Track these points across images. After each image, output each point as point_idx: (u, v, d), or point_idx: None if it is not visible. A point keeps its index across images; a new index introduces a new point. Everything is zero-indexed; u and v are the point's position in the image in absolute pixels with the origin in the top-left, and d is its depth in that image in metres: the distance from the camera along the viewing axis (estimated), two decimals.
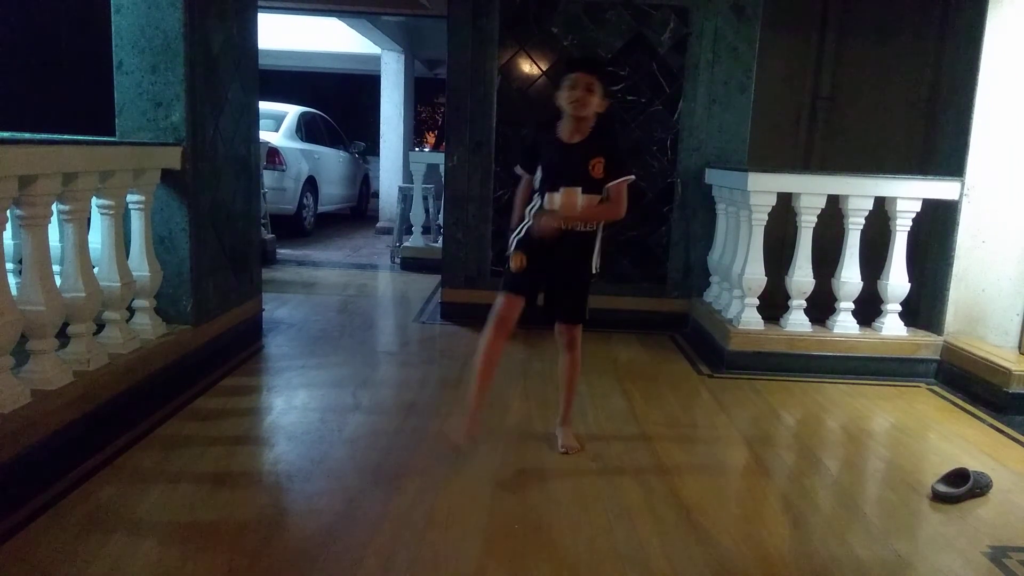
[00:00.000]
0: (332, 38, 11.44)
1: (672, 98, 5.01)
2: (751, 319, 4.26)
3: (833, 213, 4.26)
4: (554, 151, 2.79)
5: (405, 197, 7.88)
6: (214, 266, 3.85)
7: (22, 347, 2.58)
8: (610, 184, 2.75)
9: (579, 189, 2.73)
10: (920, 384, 4.13)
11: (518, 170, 2.97)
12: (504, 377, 2.29)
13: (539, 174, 2.83)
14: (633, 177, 2.81)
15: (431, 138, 23.34)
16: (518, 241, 2.83)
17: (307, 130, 10.27)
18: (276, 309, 5.24)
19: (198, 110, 3.57)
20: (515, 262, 2.75)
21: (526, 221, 2.84)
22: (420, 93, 13.07)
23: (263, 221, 6.68)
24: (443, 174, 5.28)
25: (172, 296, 3.56)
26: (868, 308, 4.34)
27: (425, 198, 7.65)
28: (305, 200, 9.67)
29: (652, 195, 5.10)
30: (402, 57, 11.12)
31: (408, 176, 8.46)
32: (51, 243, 2.70)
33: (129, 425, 2.97)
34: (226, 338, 3.97)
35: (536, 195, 2.87)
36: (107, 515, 2.34)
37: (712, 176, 4.91)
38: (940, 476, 2.80)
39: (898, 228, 4.22)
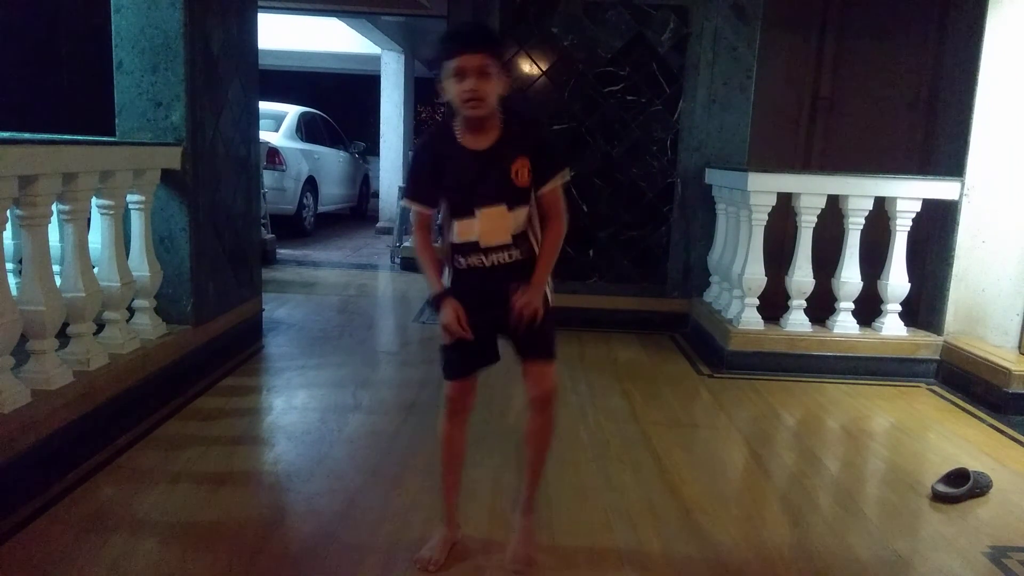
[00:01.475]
0: (332, 38, 11.44)
1: (672, 98, 5.01)
2: (751, 319, 4.26)
3: (833, 213, 4.26)
4: (460, 165, 2.05)
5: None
6: (214, 266, 3.85)
7: (22, 347, 2.58)
8: (542, 191, 2.06)
9: (503, 207, 2.03)
10: (920, 384, 4.13)
11: (409, 204, 2.15)
12: (507, 375, 2.25)
13: (442, 203, 2.12)
14: (568, 171, 2.12)
15: None
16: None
17: (307, 130, 10.26)
18: (276, 309, 5.24)
19: (198, 110, 3.57)
20: (450, 328, 2.04)
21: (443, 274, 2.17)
22: (420, 93, 13.05)
23: (263, 221, 6.68)
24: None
25: (172, 296, 3.56)
26: (868, 308, 4.35)
27: None
28: (305, 200, 9.67)
29: (652, 195, 5.10)
30: (402, 57, 11.11)
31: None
32: (51, 243, 2.70)
33: (129, 425, 2.97)
34: (226, 338, 3.97)
35: (438, 230, 2.17)
36: (107, 515, 2.34)
37: (712, 176, 4.91)
38: (940, 476, 2.80)
39: (898, 228, 4.22)
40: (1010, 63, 4.01)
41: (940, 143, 4.51)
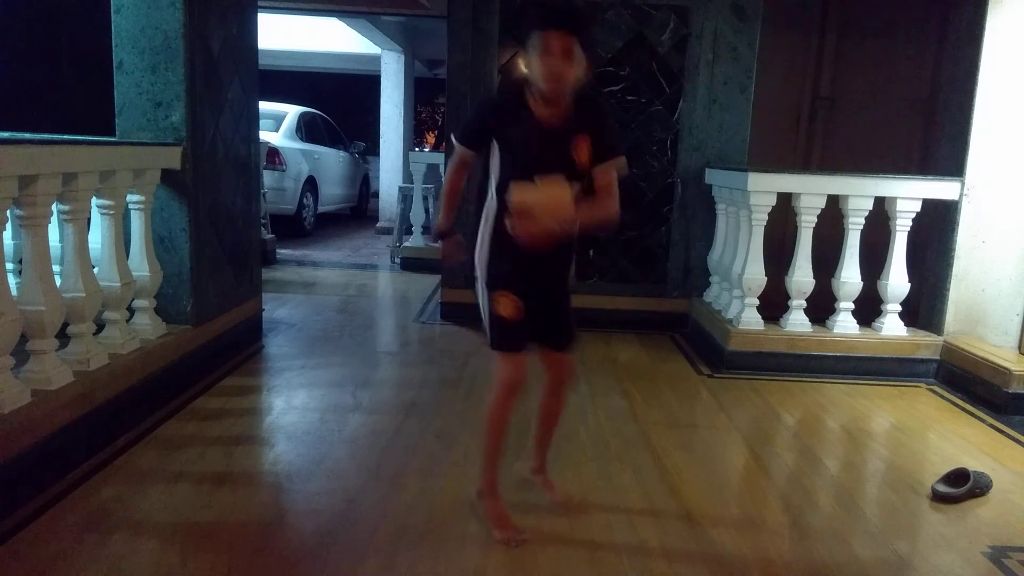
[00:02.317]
0: (332, 38, 11.44)
1: (672, 98, 5.01)
2: (751, 319, 4.26)
3: (833, 213, 4.26)
4: (528, 132, 2.10)
5: (405, 197, 7.89)
6: (214, 266, 3.85)
7: (22, 347, 2.58)
8: (597, 169, 2.11)
9: (562, 178, 2.05)
10: (920, 384, 4.13)
11: (457, 143, 2.20)
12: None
13: (496, 158, 2.15)
14: (624, 159, 2.17)
15: (431, 138, 23.34)
16: (494, 272, 2.13)
17: (307, 130, 10.27)
18: (276, 309, 5.24)
19: (198, 110, 3.57)
20: (506, 308, 2.06)
21: (483, 234, 2.17)
22: (420, 93, 13.07)
23: (263, 221, 6.68)
24: (443, 174, 5.28)
25: (172, 296, 3.56)
26: (868, 308, 4.35)
27: (425, 198, 7.66)
28: (305, 200, 9.67)
29: (652, 195, 5.10)
30: (402, 57, 11.12)
31: (408, 176, 8.46)
32: (51, 243, 2.70)
33: (129, 425, 2.97)
34: (226, 338, 3.97)
35: (490, 189, 2.20)
36: (107, 515, 2.34)
37: (712, 176, 4.91)
38: (940, 476, 2.80)
39: (898, 228, 4.22)
40: (1010, 63, 4.01)
41: (940, 143, 4.51)
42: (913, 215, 4.19)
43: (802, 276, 4.23)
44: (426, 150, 18.27)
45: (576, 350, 2.38)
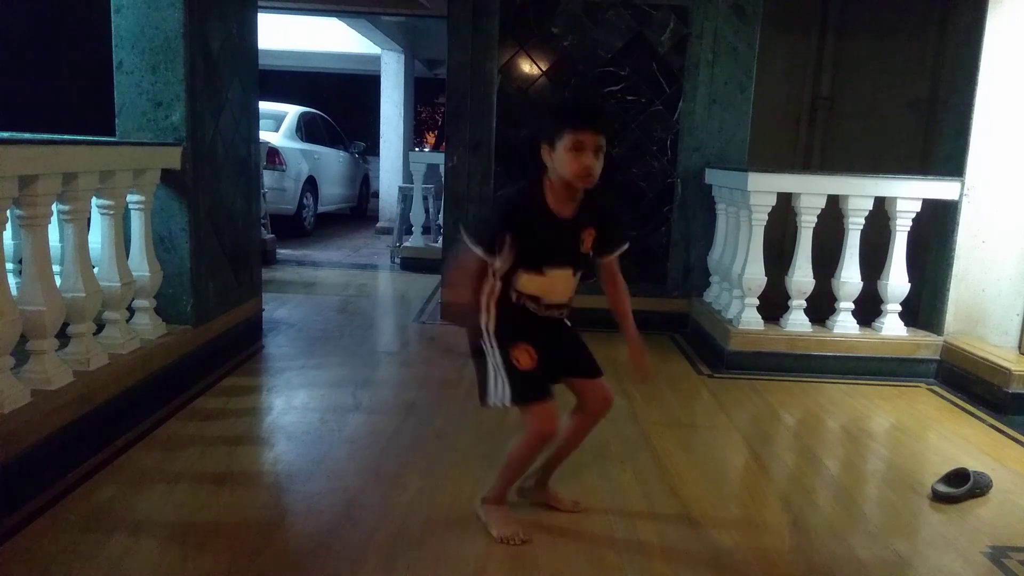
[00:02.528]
0: (332, 38, 11.44)
1: (672, 98, 5.01)
2: (751, 319, 4.26)
3: (833, 213, 4.26)
4: (545, 228, 2.14)
5: (405, 197, 7.89)
6: (214, 266, 3.85)
7: (22, 347, 2.58)
8: (606, 259, 2.27)
9: (570, 271, 2.21)
10: (920, 384, 4.13)
11: (474, 246, 2.15)
12: None
13: (503, 253, 2.15)
14: (627, 245, 2.30)
15: (431, 138, 23.34)
16: (504, 331, 2.18)
17: (307, 130, 10.27)
18: (276, 309, 5.24)
19: (198, 110, 3.57)
20: (524, 358, 2.16)
21: (486, 306, 2.21)
22: (420, 93, 13.08)
23: (263, 221, 6.68)
24: (443, 174, 5.28)
25: (172, 296, 3.56)
26: (868, 308, 4.35)
27: (425, 198, 7.66)
28: (305, 200, 9.67)
29: (652, 195, 5.10)
30: (402, 57, 11.12)
31: (408, 176, 8.46)
32: (51, 243, 2.70)
33: (129, 425, 2.97)
34: (226, 338, 3.97)
35: (496, 279, 2.20)
36: (107, 515, 2.34)
37: (712, 176, 4.91)
38: (940, 476, 2.80)
39: (898, 228, 4.22)
40: (1010, 63, 4.01)
41: (940, 143, 4.51)
42: (913, 215, 4.19)
43: (802, 276, 4.23)
44: (426, 150, 18.27)
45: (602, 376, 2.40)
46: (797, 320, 4.27)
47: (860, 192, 4.16)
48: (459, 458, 2.87)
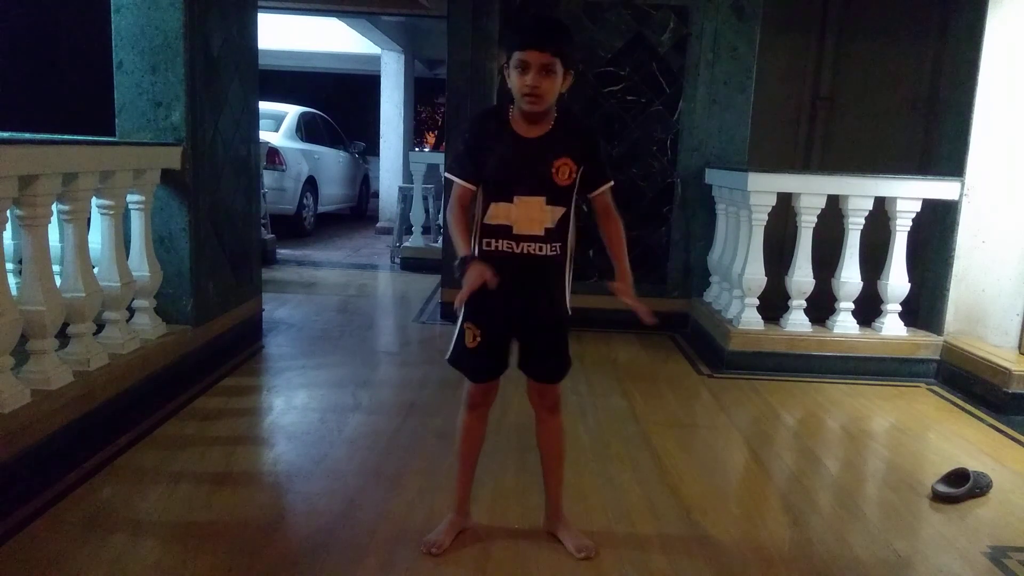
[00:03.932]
0: (332, 38, 11.44)
1: (672, 98, 5.01)
2: (751, 319, 4.26)
3: (833, 213, 4.26)
4: (506, 149, 2.06)
5: (405, 197, 7.88)
6: (214, 266, 3.85)
7: (22, 347, 2.58)
8: (594, 194, 2.13)
9: (542, 200, 2.05)
10: (920, 384, 4.13)
11: (453, 178, 2.10)
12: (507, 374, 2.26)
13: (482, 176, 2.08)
14: (612, 183, 2.15)
15: (431, 138, 23.33)
16: (473, 300, 1.99)
17: (307, 130, 10.27)
18: (276, 309, 5.24)
19: (198, 110, 3.57)
20: (467, 337, 2.11)
21: (464, 257, 2.01)
22: (420, 93, 13.07)
23: (263, 221, 6.68)
24: (442, 175, 5.28)
25: (172, 296, 3.56)
26: (868, 308, 4.34)
27: (425, 198, 7.66)
28: (305, 200, 9.67)
29: (652, 195, 5.10)
30: (402, 57, 11.12)
31: (408, 176, 8.46)
32: (51, 243, 2.70)
33: (129, 425, 2.97)
34: (226, 338, 3.97)
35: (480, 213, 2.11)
36: (107, 515, 2.34)
37: (712, 176, 4.91)
38: (940, 476, 2.80)
39: (898, 228, 4.22)
40: (1010, 63, 4.01)
41: (940, 143, 4.51)
42: (913, 215, 4.19)
43: (802, 276, 4.23)
44: (426, 150, 18.27)
45: (558, 382, 2.24)
46: (797, 320, 4.27)
47: (860, 192, 4.16)
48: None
